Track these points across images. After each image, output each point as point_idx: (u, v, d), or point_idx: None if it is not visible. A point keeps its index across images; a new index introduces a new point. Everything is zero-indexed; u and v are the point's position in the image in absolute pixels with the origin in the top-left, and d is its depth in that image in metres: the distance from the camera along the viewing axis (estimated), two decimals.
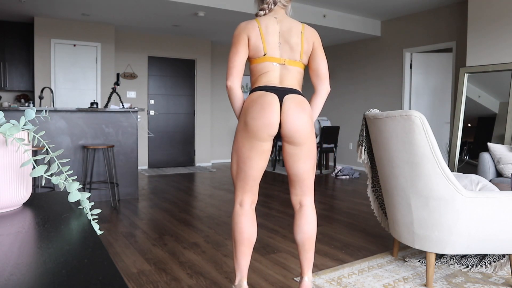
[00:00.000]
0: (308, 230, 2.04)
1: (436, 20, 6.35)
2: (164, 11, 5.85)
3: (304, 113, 1.90)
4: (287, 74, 1.98)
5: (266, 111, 1.86)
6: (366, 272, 2.57)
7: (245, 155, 1.92)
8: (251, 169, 1.94)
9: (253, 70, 2.02)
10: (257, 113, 1.86)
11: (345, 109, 8.08)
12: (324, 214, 4.15)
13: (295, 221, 2.08)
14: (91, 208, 0.96)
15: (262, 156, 1.92)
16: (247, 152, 1.92)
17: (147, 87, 7.70)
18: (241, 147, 1.93)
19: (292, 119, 1.87)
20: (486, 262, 2.60)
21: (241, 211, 2.01)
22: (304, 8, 6.24)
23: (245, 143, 1.91)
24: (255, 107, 1.88)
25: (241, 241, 2.01)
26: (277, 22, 2.00)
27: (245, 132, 1.90)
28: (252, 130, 1.87)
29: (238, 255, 2.02)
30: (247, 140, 1.90)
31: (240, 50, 1.96)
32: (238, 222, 2.02)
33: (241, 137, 1.92)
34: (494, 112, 5.03)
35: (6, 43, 6.33)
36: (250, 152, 1.91)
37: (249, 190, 2.00)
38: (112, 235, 3.35)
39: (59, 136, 4.43)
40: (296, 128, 1.88)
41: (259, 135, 1.87)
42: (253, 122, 1.87)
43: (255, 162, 1.92)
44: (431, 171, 2.23)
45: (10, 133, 0.83)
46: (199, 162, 8.23)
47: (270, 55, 1.97)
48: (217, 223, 3.77)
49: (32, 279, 0.53)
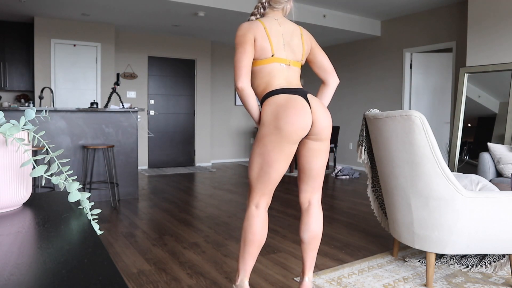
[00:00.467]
0: (315, 229, 2.06)
1: (436, 20, 6.35)
2: (164, 11, 5.85)
3: (327, 110, 1.99)
4: (292, 75, 2.01)
5: (302, 114, 1.87)
6: (366, 272, 2.57)
7: (273, 158, 1.91)
8: (276, 172, 1.94)
9: (259, 72, 1.99)
10: (292, 117, 1.86)
11: (345, 109, 8.08)
12: (324, 214, 4.15)
13: (303, 219, 2.09)
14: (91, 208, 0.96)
15: (288, 159, 1.95)
16: (276, 156, 1.90)
17: (147, 87, 7.70)
18: (270, 151, 1.90)
19: (323, 117, 1.93)
20: (486, 262, 2.60)
21: (256, 213, 2.01)
22: (304, 8, 6.24)
23: (275, 146, 1.89)
24: (288, 111, 1.87)
25: (253, 242, 2.00)
26: (278, 24, 2.02)
27: (277, 136, 1.88)
28: (287, 135, 1.87)
29: (246, 255, 2.02)
30: (278, 144, 1.89)
31: (248, 49, 1.93)
32: (252, 224, 2.01)
33: (271, 141, 1.89)
34: (494, 112, 5.03)
35: (6, 43, 6.33)
36: (280, 156, 1.90)
37: (268, 193, 2.00)
38: (112, 235, 3.35)
39: (59, 136, 4.43)
40: (325, 125, 1.94)
41: (294, 138, 1.88)
42: (289, 127, 1.85)
43: (281, 166, 1.93)
44: (431, 171, 2.23)
45: (10, 133, 0.83)
46: (199, 162, 8.23)
47: (278, 56, 1.97)
48: (217, 223, 3.77)
49: (32, 279, 0.53)
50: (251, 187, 1.98)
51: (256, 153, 1.93)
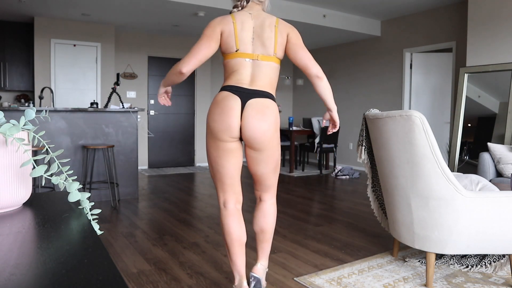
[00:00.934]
0: (263, 223, 2.13)
1: (436, 20, 6.35)
2: (164, 11, 5.85)
3: (264, 121, 1.89)
4: (259, 72, 1.96)
5: (226, 115, 1.87)
6: (366, 272, 2.57)
7: (214, 155, 1.96)
8: (223, 168, 1.96)
9: (225, 66, 2.01)
10: (217, 115, 1.89)
11: (345, 109, 8.08)
12: (324, 214, 4.15)
13: (254, 212, 2.18)
14: (91, 208, 0.96)
15: (230, 154, 1.94)
16: (215, 152, 1.95)
17: (147, 87, 7.70)
18: (209, 148, 1.98)
19: (251, 126, 1.88)
20: (486, 262, 2.60)
21: (226, 212, 2.03)
22: (304, 8, 6.24)
23: (211, 143, 1.95)
24: (216, 109, 1.91)
25: (231, 242, 2.02)
26: (251, 18, 1.99)
27: (209, 133, 1.94)
28: (213, 132, 1.92)
29: (232, 256, 2.04)
30: (212, 141, 1.94)
31: (209, 43, 1.93)
32: (225, 224, 2.02)
33: (208, 138, 1.97)
34: (494, 112, 5.03)
35: (6, 43, 6.33)
36: (218, 152, 1.95)
37: (228, 190, 2.01)
38: (112, 235, 3.35)
39: (59, 136, 4.43)
40: (255, 135, 1.89)
41: (220, 136, 1.91)
42: (214, 125, 1.90)
43: (225, 161, 1.95)
44: (431, 171, 2.23)
45: (10, 133, 0.83)
46: (199, 162, 8.23)
47: (242, 51, 1.95)
48: (217, 223, 3.77)
49: (32, 279, 0.53)
50: (215, 186, 2.04)
51: (207, 152, 2.00)
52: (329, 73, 8.46)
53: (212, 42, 1.93)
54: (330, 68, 8.41)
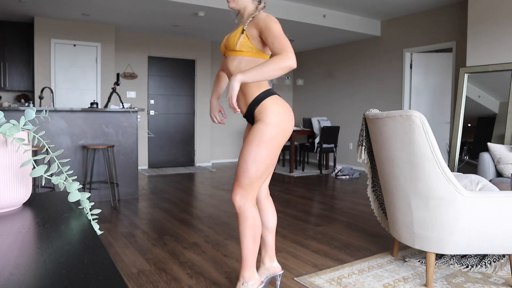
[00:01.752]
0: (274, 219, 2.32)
1: (436, 20, 6.35)
2: (164, 11, 5.85)
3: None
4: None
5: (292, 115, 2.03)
6: (366, 272, 2.57)
7: (276, 154, 2.01)
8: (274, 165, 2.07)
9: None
10: (290, 116, 2.00)
11: (345, 109, 8.08)
12: (324, 214, 4.15)
13: (267, 210, 2.26)
14: (91, 208, 0.96)
15: None
16: (278, 152, 2.02)
17: (147, 87, 7.70)
18: (278, 152, 2.00)
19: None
20: (486, 262, 2.60)
21: (256, 210, 2.05)
22: (304, 8, 6.24)
23: (280, 144, 1.99)
24: (288, 110, 2.00)
25: (259, 236, 2.05)
26: None
27: (283, 133, 1.97)
28: (288, 132, 1.99)
29: (256, 250, 2.06)
30: (282, 141, 2.00)
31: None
32: (258, 220, 2.03)
33: (279, 142, 1.97)
34: (494, 112, 5.03)
35: (6, 43, 6.33)
36: (279, 151, 2.05)
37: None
38: (112, 235, 3.35)
39: (59, 136, 4.43)
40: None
41: (289, 135, 2.03)
42: (288, 125, 1.98)
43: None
44: (431, 171, 2.23)
45: (10, 133, 0.83)
46: (199, 162, 8.23)
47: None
48: (217, 223, 3.77)
49: (32, 279, 0.53)
50: (250, 187, 1.95)
51: (264, 154, 1.92)
52: (329, 73, 8.47)
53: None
54: (330, 68, 8.41)
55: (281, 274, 2.29)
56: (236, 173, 1.98)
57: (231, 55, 2.01)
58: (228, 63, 2.02)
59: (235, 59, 1.99)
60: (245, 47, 1.96)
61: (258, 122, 1.94)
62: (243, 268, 2.04)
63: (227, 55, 2.04)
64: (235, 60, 1.99)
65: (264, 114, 1.92)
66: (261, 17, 1.94)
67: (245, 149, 1.95)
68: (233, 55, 2.00)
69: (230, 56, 2.02)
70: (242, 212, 1.96)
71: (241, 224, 1.98)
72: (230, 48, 2.00)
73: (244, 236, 1.98)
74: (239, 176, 1.95)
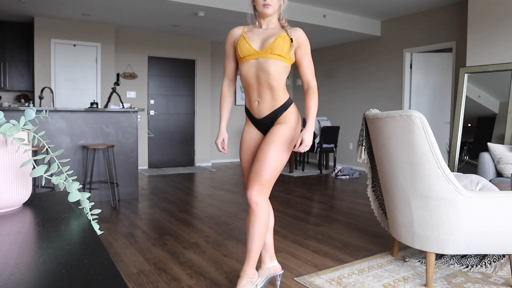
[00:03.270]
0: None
1: (436, 20, 6.35)
2: (164, 11, 5.85)
3: None
4: None
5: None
6: (366, 272, 2.57)
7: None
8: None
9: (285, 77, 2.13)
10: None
11: (345, 109, 8.08)
12: (324, 214, 4.15)
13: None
14: (91, 208, 0.96)
15: None
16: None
17: (147, 87, 7.70)
18: (289, 154, 2.12)
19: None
20: (486, 262, 2.60)
21: (270, 205, 2.10)
22: (304, 8, 6.24)
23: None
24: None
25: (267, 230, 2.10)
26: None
27: (295, 141, 2.07)
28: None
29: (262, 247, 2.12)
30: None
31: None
32: (270, 216, 2.10)
33: (294, 142, 2.08)
34: (494, 112, 5.03)
35: (6, 43, 6.33)
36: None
37: None
38: (112, 235, 3.35)
39: (59, 136, 4.43)
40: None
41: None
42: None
43: None
44: (431, 171, 2.23)
45: (10, 133, 0.83)
46: (199, 162, 8.23)
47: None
48: (217, 223, 3.77)
49: (32, 279, 0.53)
50: (268, 184, 2.02)
51: (285, 154, 2.05)
52: (329, 73, 8.47)
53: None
54: (330, 68, 8.41)
55: (281, 274, 2.30)
56: (255, 170, 1.99)
57: (273, 59, 2.03)
58: (267, 65, 2.03)
59: (275, 63, 2.03)
60: (288, 55, 2.06)
61: (281, 124, 2.05)
62: (248, 265, 2.04)
63: (265, 57, 2.03)
64: (275, 64, 2.03)
65: (290, 118, 2.07)
66: (302, 35, 2.09)
67: (268, 147, 1.99)
68: (275, 59, 2.03)
69: (270, 60, 2.02)
70: (259, 209, 1.99)
71: (256, 220, 1.99)
72: (275, 52, 2.03)
73: (257, 232, 2.00)
74: (260, 174, 1.97)
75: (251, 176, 1.99)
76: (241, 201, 4.73)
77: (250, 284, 2.06)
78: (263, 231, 2.01)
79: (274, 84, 2.03)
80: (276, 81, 2.02)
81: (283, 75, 2.05)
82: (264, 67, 2.02)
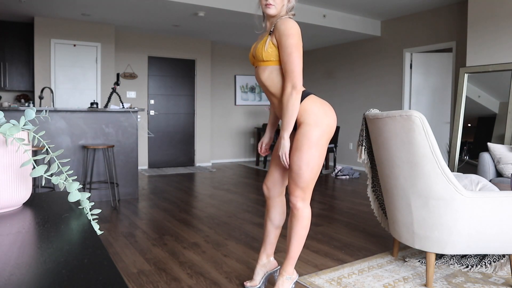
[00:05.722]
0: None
1: (436, 20, 6.35)
2: (164, 11, 5.85)
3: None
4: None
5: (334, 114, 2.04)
6: (366, 272, 2.57)
7: (324, 154, 2.01)
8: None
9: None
10: (332, 111, 2.01)
11: (345, 109, 8.08)
12: (324, 214, 4.15)
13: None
14: (91, 208, 0.96)
15: None
16: (325, 151, 2.02)
17: (147, 87, 7.70)
18: (324, 149, 1.99)
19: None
20: (486, 262, 2.60)
21: (310, 209, 2.08)
22: (304, 8, 6.24)
23: (326, 143, 2.00)
24: (328, 107, 2.00)
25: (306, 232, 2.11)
26: None
27: (329, 134, 1.99)
28: (332, 130, 1.99)
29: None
30: (327, 141, 2.00)
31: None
32: (310, 219, 2.10)
33: (326, 141, 1.99)
34: (494, 112, 5.03)
35: (6, 43, 6.33)
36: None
37: None
38: (112, 235, 3.35)
39: (59, 136, 4.43)
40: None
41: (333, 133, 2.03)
42: (333, 121, 1.99)
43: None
44: (431, 171, 2.23)
45: (10, 133, 0.83)
46: (199, 162, 8.23)
47: None
48: (217, 223, 3.77)
49: (32, 279, 0.53)
50: (308, 188, 2.01)
51: (316, 156, 1.95)
52: (329, 73, 8.47)
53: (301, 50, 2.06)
54: (330, 68, 8.41)
55: (279, 269, 2.31)
56: (291, 177, 1.99)
57: (261, 66, 1.99)
58: (259, 73, 2.00)
59: (266, 70, 1.98)
60: (273, 56, 1.95)
61: (301, 126, 1.95)
62: (289, 264, 2.11)
63: (257, 65, 2.02)
64: (266, 70, 1.98)
65: (306, 116, 1.93)
66: (280, 26, 1.91)
67: (296, 156, 1.94)
68: (263, 66, 1.98)
69: (260, 67, 1.99)
70: (301, 213, 2.03)
71: (298, 224, 2.04)
72: (258, 58, 1.97)
73: (298, 235, 2.06)
74: (296, 181, 1.98)
75: (290, 182, 2.03)
76: (241, 201, 4.73)
77: (290, 281, 2.14)
78: (303, 234, 2.07)
79: (272, 89, 2.00)
80: (272, 87, 1.99)
81: (278, 78, 1.97)
82: (258, 73, 2.02)
